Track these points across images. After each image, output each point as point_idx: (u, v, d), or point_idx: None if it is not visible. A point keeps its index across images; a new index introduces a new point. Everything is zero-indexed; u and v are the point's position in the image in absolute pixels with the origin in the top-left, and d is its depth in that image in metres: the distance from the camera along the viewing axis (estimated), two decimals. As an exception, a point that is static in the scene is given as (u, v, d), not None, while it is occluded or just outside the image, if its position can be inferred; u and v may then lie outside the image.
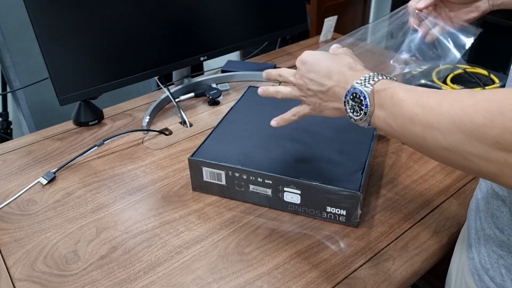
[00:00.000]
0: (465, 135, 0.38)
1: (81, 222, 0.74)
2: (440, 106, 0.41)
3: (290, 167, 0.73)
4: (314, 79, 0.57)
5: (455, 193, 0.78)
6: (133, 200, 0.78)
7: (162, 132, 0.99)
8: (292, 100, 0.65)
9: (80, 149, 0.94)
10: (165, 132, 0.99)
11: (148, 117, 1.02)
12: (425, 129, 0.42)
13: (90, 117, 1.02)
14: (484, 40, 2.11)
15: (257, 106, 0.92)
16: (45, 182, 0.83)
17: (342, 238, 0.69)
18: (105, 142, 0.94)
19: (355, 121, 0.53)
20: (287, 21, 1.20)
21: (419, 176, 0.82)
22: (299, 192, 0.71)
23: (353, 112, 0.52)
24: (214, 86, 1.14)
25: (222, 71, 1.25)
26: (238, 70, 1.23)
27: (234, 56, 2.46)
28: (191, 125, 1.02)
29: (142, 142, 0.95)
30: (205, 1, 1.04)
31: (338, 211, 0.70)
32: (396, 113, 0.47)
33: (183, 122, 1.02)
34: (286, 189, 0.72)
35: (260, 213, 0.75)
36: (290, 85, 0.64)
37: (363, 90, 0.50)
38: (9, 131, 1.80)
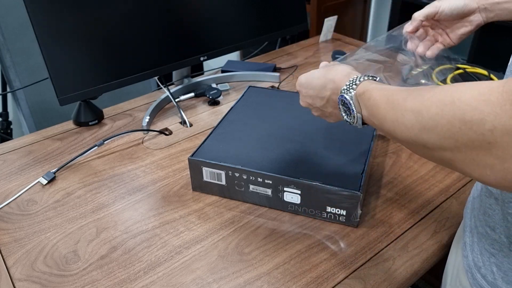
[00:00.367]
0: (422, 126, 0.40)
1: (81, 222, 0.74)
2: (405, 101, 0.43)
3: (290, 167, 0.73)
4: (314, 95, 0.62)
5: (455, 193, 0.78)
6: (133, 200, 0.78)
7: (162, 132, 0.99)
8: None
9: (80, 149, 0.94)
10: (165, 132, 0.99)
11: (148, 117, 1.02)
12: (394, 124, 0.45)
13: (90, 117, 1.02)
14: (484, 40, 2.11)
15: (257, 106, 0.92)
16: (45, 182, 0.83)
17: (342, 238, 0.69)
18: (105, 142, 0.94)
19: (351, 123, 0.56)
20: (287, 21, 1.20)
21: (419, 176, 0.82)
22: (299, 192, 0.71)
23: (346, 116, 0.56)
24: (214, 86, 1.14)
25: (222, 71, 1.25)
26: (238, 70, 1.23)
27: (234, 56, 2.46)
28: (191, 125, 1.02)
29: (142, 142, 0.95)
30: (205, 1, 1.04)
31: (338, 211, 0.70)
32: (374, 113, 0.50)
33: (183, 122, 1.02)
34: (286, 189, 0.72)
35: (260, 213, 0.75)
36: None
37: (347, 96, 0.54)
38: (9, 131, 1.80)
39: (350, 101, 0.54)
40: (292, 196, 0.72)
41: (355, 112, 0.54)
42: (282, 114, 0.89)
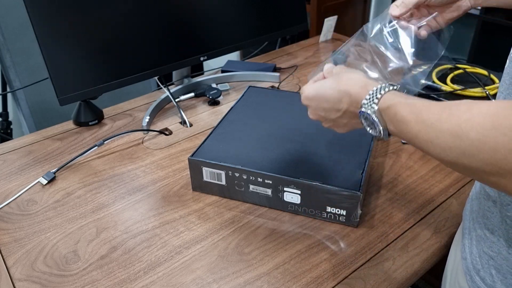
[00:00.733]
0: (462, 150, 0.39)
1: (81, 222, 0.74)
2: (439, 122, 0.42)
3: (290, 167, 0.73)
4: (328, 108, 0.58)
5: (455, 193, 0.78)
6: (133, 200, 0.78)
7: (162, 132, 0.99)
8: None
9: (80, 149, 0.94)
10: (165, 132, 0.99)
11: (148, 117, 1.02)
12: (427, 144, 0.44)
13: (90, 117, 1.02)
14: (484, 40, 2.11)
15: (257, 106, 0.92)
16: (45, 182, 0.83)
17: (342, 238, 0.69)
18: (105, 142, 0.94)
19: (378, 137, 0.54)
20: (287, 21, 1.20)
21: (419, 176, 0.82)
22: (299, 192, 0.71)
23: (370, 129, 0.54)
24: (214, 86, 1.14)
25: (222, 71, 1.25)
26: (238, 70, 1.23)
27: (234, 56, 2.46)
28: (191, 125, 1.02)
29: (142, 142, 0.95)
30: (205, 1, 1.04)
31: (338, 211, 0.70)
32: (402, 130, 0.48)
33: (183, 122, 1.02)
34: (286, 189, 0.72)
35: (260, 213, 0.75)
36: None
37: (370, 113, 0.52)
38: (9, 131, 1.80)
39: (374, 118, 0.51)
40: (292, 196, 0.72)
41: (381, 128, 0.52)
42: (282, 114, 0.89)
